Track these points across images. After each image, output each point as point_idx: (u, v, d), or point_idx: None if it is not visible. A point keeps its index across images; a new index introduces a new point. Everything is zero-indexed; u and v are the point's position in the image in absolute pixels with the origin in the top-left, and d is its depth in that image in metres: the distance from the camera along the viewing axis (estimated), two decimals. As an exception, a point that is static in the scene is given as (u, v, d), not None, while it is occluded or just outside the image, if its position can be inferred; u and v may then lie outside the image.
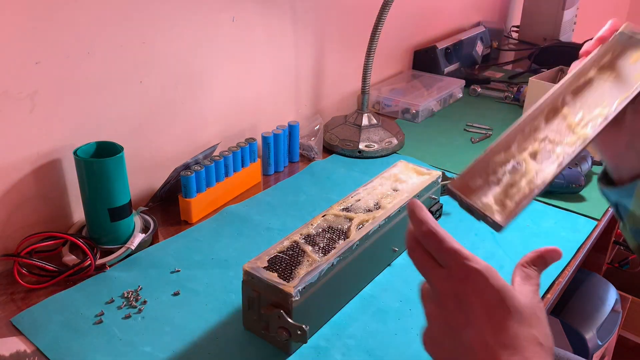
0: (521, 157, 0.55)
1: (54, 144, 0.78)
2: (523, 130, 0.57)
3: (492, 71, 1.64)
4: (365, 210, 0.75)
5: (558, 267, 0.80)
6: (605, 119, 0.57)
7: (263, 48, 1.06)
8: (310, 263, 0.65)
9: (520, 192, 0.53)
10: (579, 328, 1.16)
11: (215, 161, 0.90)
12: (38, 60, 0.73)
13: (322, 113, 1.25)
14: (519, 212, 0.51)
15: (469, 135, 1.22)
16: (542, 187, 0.52)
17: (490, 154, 0.56)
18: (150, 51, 0.86)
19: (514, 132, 0.57)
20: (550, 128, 0.58)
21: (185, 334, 0.66)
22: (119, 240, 0.79)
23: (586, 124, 0.57)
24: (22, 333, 0.65)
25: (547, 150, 0.56)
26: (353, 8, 1.24)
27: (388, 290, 0.75)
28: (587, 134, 0.56)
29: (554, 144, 0.56)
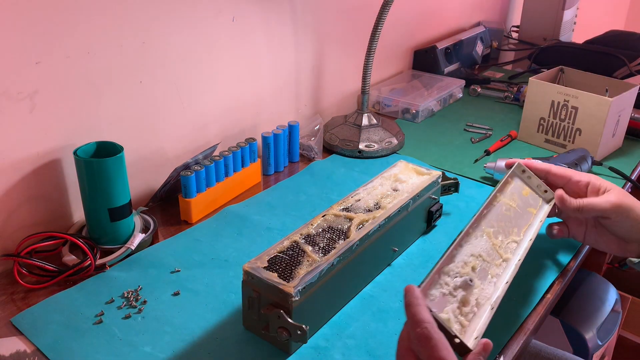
0: (464, 272, 0.63)
1: (54, 144, 0.78)
2: (461, 246, 0.67)
3: (492, 71, 1.64)
4: (365, 210, 0.75)
5: (558, 267, 0.80)
6: (518, 245, 0.69)
7: (263, 48, 1.06)
8: (310, 263, 0.65)
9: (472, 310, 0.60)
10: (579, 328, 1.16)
11: (215, 161, 0.90)
12: (38, 60, 0.73)
13: (322, 113, 1.25)
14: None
15: (469, 135, 1.22)
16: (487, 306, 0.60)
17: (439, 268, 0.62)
18: (150, 51, 0.86)
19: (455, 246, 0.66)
20: (480, 247, 0.67)
21: (185, 334, 0.66)
22: (119, 240, 0.79)
23: (506, 247, 0.69)
24: (22, 333, 0.65)
25: (483, 268, 0.65)
26: (353, 8, 1.24)
27: (388, 290, 0.75)
28: (509, 257, 0.67)
29: (486, 262, 0.66)
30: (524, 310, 0.72)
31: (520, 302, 0.73)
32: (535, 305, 0.73)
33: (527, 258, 0.81)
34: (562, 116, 1.11)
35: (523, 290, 0.75)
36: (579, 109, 1.08)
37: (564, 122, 1.12)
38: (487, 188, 1.00)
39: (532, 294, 0.75)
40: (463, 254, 0.65)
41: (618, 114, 1.09)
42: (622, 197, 0.74)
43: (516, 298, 0.74)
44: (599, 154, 1.09)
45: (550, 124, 1.14)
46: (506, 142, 1.17)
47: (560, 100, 1.11)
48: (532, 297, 0.74)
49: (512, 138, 1.19)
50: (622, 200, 0.74)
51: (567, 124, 1.11)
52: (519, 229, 0.73)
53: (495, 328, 0.69)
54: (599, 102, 1.05)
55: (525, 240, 0.72)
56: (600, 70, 1.26)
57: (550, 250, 0.83)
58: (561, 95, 1.10)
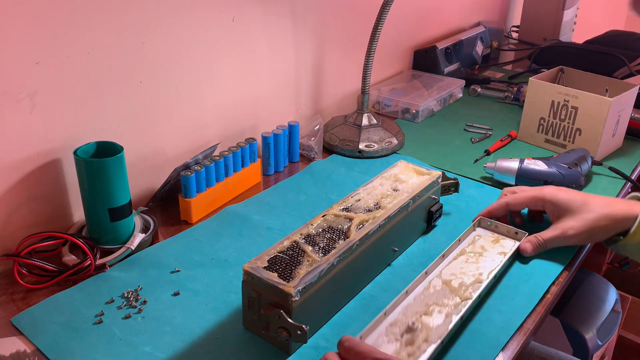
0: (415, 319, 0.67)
1: (54, 144, 0.78)
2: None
3: (492, 71, 1.64)
4: (365, 210, 0.75)
5: (558, 267, 0.80)
6: (480, 284, 0.73)
7: (263, 48, 1.06)
8: (310, 263, 0.65)
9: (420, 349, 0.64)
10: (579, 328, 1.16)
11: (215, 161, 0.90)
12: (38, 60, 0.73)
13: (322, 113, 1.25)
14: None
15: (469, 135, 1.22)
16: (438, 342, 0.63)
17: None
18: (150, 51, 0.86)
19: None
20: (436, 295, 0.71)
21: (185, 334, 0.66)
22: (119, 240, 0.79)
23: (466, 288, 0.73)
24: (22, 333, 0.65)
25: (436, 311, 0.69)
26: (353, 8, 1.24)
27: (388, 290, 0.75)
28: (469, 297, 0.71)
29: (441, 306, 0.69)
30: (524, 310, 0.72)
31: (520, 302, 0.73)
32: (535, 305, 0.73)
33: (527, 258, 0.82)
34: (562, 116, 1.11)
35: (523, 290, 0.75)
36: (579, 109, 1.08)
37: (564, 122, 1.12)
38: (487, 188, 1.00)
39: (532, 293, 0.75)
40: (416, 305, 0.70)
41: (618, 114, 1.09)
42: (581, 224, 0.79)
43: (516, 298, 0.74)
44: (599, 154, 1.09)
45: (550, 124, 1.14)
46: (506, 142, 1.17)
47: (560, 100, 1.11)
48: (532, 297, 0.74)
49: (512, 138, 1.19)
50: (582, 228, 0.79)
51: (567, 124, 1.11)
52: (485, 271, 0.76)
53: (495, 328, 0.69)
54: (599, 102, 1.05)
55: (489, 278, 0.75)
56: (600, 70, 1.26)
57: (550, 251, 0.83)
58: (561, 95, 1.10)
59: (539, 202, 0.83)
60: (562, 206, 0.81)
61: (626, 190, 1.03)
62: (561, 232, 0.80)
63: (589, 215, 0.79)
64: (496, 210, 0.86)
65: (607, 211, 0.78)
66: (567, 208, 0.80)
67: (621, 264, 1.58)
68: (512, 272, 0.79)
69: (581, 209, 0.79)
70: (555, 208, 0.82)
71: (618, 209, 0.78)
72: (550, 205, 0.82)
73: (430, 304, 0.70)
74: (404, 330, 0.65)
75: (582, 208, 0.79)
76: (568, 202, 0.81)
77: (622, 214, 0.77)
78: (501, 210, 0.86)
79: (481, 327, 0.69)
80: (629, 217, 0.77)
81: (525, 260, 0.81)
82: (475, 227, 0.86)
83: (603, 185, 1.02)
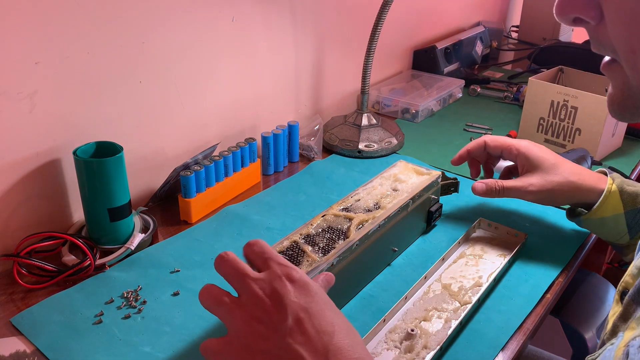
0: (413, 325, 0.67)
1: (53, 144, 0.78)
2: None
3: (491, 71, 1.64)
4: (365, 210, 0.75)
5: (558, 267, 0.80)
6: (480, 288, 0.73)
7: (263, 48, 1.06)
8: (310, 263, 0.65)
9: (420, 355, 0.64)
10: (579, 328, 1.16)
11: (215, 161, 0.90)
12: (38, 60, 0.73)
13: (321, 113, 1.25)
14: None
15: (468, 135, 1.22)
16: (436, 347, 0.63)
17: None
18: (150, 51, 0.86)
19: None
20: (435, 300, 0.71)
21: (185, 334, 0.66)
22: (118, 240, 0.79)
23: (466, 292, 0.73)
24: (22, 333, 0.65)
25: (435, 317, 0.69)
26: (353, 8, 1.24)
27: (388, 290, 0.75)
28: (469, 301, 0.70)
29: (440, 311, 0.69)
30: (524, 310, 0.72)
31: (519, 302, 0.73)
32: (534, 306, 0.73)
33: (526, 258, 0.82)
34: (561, 116, 1.11)
35: (523, 290, 0.75)
36: (579, 108, 1.08)
37: (563, 122, 1.12)
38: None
39: (532, 293, 0.75)
40: (415, 310, 0.70)
41: (618, 113, 1.09)
42: (544, 182, 0.80)
43: (516, 298, 0.74)
44: (598, 154, 1.09)
45: (550, 123, 1.14)
46: (506, 142, 1.17)
47: (559, 100, 1.11)
48: (532, 297, 0.74)
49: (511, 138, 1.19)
50: (544, 187, 0.80)
51: (567, 124, 1.11)
52: (485, 274, 0.77)
53: (495, 328, 0.69)
54: (599, 102, 1.05)
55: (489, 281, 0.75)
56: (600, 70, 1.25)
57: (550, 250, 0.83)
58: (561, 95, 1.11)
59: (514, 151, 0.84)
60: (533, 161, 0.81)
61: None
62: (522, 184, 0.81)
63: (555, 178, 0.79)
64: (474, 148, 0.87)
65: (574, 179, 0.79)
66: (537, 165, 0.81)
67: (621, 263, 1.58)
68: (512, 272, 0.79)
69: (550, 169, 0.80)
70: (527, 162, 0.82)
71: (585, 179, 0.79)
72: (523, 157, 0.82)
73: (429, 309, 0.70)
74: (403, 337, 0.65)
75: (550, 169, 0.80)
76: (539, 160, 0.81)
77: (588, 186, 0.78)
78: (479, 147, 0.87)
79: (481, 328, 0.69)
80: (593, 191, 0.78)
81: (525, 260, 0.81)
82: (475, 229, 0.86)
83: (603, 185, 1.02)
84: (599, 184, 0.78)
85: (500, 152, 0.86)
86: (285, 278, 0.50)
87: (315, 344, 0.46)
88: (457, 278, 0.76)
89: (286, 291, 0.49)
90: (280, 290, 0.49)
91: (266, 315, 0.48)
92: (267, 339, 0.47)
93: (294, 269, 0.51)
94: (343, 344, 0.47)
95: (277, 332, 0.47)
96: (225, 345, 0.49)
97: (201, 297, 0.52)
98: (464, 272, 0.77)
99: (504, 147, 0.85)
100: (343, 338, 0.47)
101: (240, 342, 0.48)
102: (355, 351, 0.47)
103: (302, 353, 0.46)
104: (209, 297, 0.51)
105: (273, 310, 0.48)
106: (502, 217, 0.90)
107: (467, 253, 0.81)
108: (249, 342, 0.48)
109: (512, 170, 0.90)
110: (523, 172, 0.83)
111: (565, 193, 0.79)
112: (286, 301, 0.48)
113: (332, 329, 0.48)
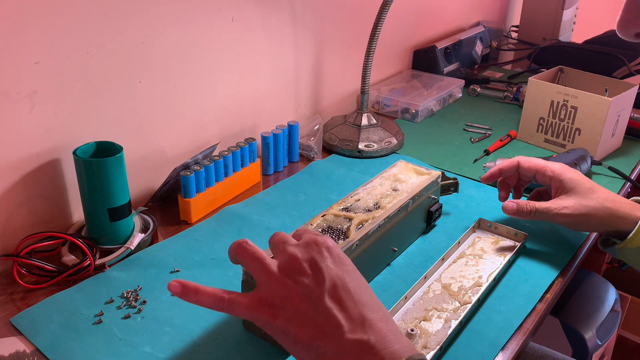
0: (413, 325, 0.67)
1: (53, 144, 0.78)
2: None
3: (491, 71, 1.64)
4: (364, 210, 0.75)
5: (558, 267, 0.80)
6: (480, 288, 0.73)
7: (263, 48, 1.06)
8: (309, 263, 0.65)
9: None
10: (579, 328, 1.16)
11: (215, 161, 0.90)
12: (38, 60, 0.73)
13: (321, 113, 1.25)
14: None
15: (468, 135, 1.22)
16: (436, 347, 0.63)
17: None
18: (150, 51, 0.86)
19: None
20: (435, 299, 0.71)
21: (185, 334, 0.66)
22: (118, 240, 0.79)
23: (466, 292, 0.73)
24: (22, 333, 0.65)
25: (435, 317, 0.69)
26: (353, 8, 1.24)
27: (388, 290, 0.75)
28: (469, 301, 0.71)
29: (440, 311, 0.69)
30: (524, 310, 0.72)
31: (519, 302, 0.73)
32: (534, 305, 0.73)
33: (526, 258, 0.82)
34: (561, 116, 1.11)
35: (523, 290, 0.75)
36: (579, 108, 1.08)
37: (563, 121, 1.12)
38: (486, 188, 1.00)
39: (532, 293, 0.75)
40: (415, 310, 0.70)
41: (617, 113, 1.09)
42: (578, 206, 0.78)
43: (516, 298, 0.74)
44: (598, 154, 1.09)
45: (550, 123, 1.14)
46: (506, 141, 1.17)
47: (559, 100, 1.11)
48: (532, 297, 0.74)
49: (511, 138, 1.19)
50: (578, 210, 0.78)
51: (567, 124, 1.11)
52: (485, 274, 0.76)
53: (495, 328, 0.69)
54: (599, 101, 1.05)
55: (489, 281, 0.75)
56: (600, 70, 1.26)
57: (550, 250, 0.83)
58: (561, 95, 1.11)
59: (548, 173, 0.81)
60: (568, 184, 0.79)
61: (625, 190, 1.03)
62: (556, 206, 0.78)
63: (590, 203, 0.77)
64: (507, 168, 0.85)
65: (609, 205, 0.77)
66: (572, 188, 0.79)
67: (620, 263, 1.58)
68: (512, 272, 0.79)
69: (586, 193, 0.78)
70: (561, 185, 0.80)
71: (620, 207, 0.77)
72: (557, 180, 0.80)
73: (429, 309, 0.70)
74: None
75: (586, 193, 0.78)
76: (575, 183, 0.79)
77: (623, 213, 0.76)
78: (512, 167, 0.84)
79: (481, 327, 0.69)
80: (628, 218, 0.76)
81: (525, 260, 0.81)
82: (475, 228, 0.86)
83: (602, 185, 1.01)
84: (634, 212, 0.76)
85: (533, 174, 0.84)
86: (322, 246, 0.51)
87: (352, 312, 0.47)
88: (457, 278, 0.75)
89: (323, 257, 0.50)
90: (317, 256, 0.50)
91: (304, 277, 0.49)
92: (304, 299, 0.48)
93: (330, 239, 0.53)
94: (377, 315, 0.48)
95: (313, 294, 0.48)
96: (258, 303, 0.49)
97: (232, 250, 0.52)
98: (464, 272, 0.77)
99: (538, 169, 0.82)
100: (377, 310, 0.49)
101: (274, 300, 0.48)
102: (389, 323, 0.48)
103: (339, 318, 0.47)
104: (243, 251, 0.52)
105: (311, 273, 0.49)
106: (502, 217, 0.90)
107: (467, 253, 0.81)
108: (284, 301, 0.48)
109: (541, 194, 0.88)
110: (556, 195, 0.81)
111: (600, 219, 0.77)
112: (323, 266, 0.49)
113: (367, 300, 0.49)
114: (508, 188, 0.88)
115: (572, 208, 0.78)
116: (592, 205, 0.77)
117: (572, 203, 0.78)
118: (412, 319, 0.68)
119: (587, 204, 0.77)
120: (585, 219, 0.77)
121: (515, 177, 0.87)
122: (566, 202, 0.78)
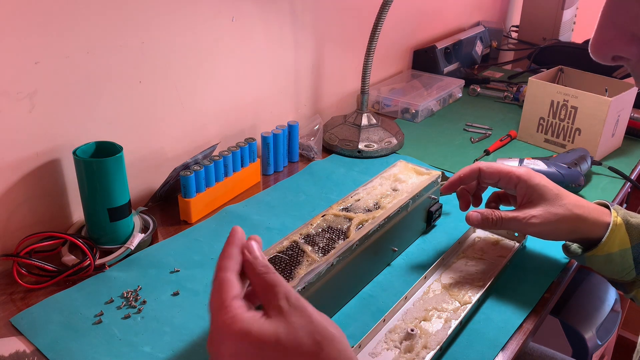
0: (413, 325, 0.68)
1: (53, 144, 0.78)
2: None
3: (491, 71, 1.64)
4: (364, 210, 0.75)
5: (558, 267, 0.80)
6: (480, 288, 0.73)
7: (262, 48, 1.06)
8: (309, 263, 0.65)
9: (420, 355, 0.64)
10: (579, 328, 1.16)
11: (215, 161, 0.90)
12: (37, 60, 0.73)
13: (321, 113, 1.25)
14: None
15: (468, 135, 1.22)
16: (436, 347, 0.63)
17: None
18: (150, 51, 0.86)
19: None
20: (435, 300, 0.72)
21: (185, 334, 0.66)
22: (118, 240, 0.79)
23: (466, 292, 0.73)
24: (22, 333, 0.65)
25: (435, 317, 0.69)
26: (352, 8, 1.24)
27: (388, 290, 0.75)
28: (468, 300, 0.71)
29: (440, 311, 0.70)
30: (523, 310, 0.72)
31: (519, 302, 0.73)
32: (534, 305, 0.73)
33: (526, 258, 0.82)
34: (561, 116, 1.11)
35: (522, 290, 0.75)
36: (579, 108, 1.08)
37: (563, 121, 1.12)
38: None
39: (532, 293, 0.75)
40: (415, 310, 0.70)
41: (617, 113, 1.09)
42: (547, 215, 0.73)
43: (516, 298, 0.74)
44: (598, 154, 1.09)
45: (550, 123, 1.14)
46: (506, 141, 1.17)
47: (559, 100, 1.11)
48: (532, 297, 0.74)
49: (511, 138, 1.19)
50: (547, 219, 0.73)
51: (567, 124, 1.11)
52: (485, 275, 0.76)
53: (495, 328, 0.69)
54: (599, 101, 1.05)
55: (489, 281, 0.74)
56: (600, 70, 1.26)
57: (550, 250, 0.83)
58: (561, 95, 1.11)
59: (513, 179, 0.75)
60: (536, 191, 0.74)
61: (625, 190, 1.03)
62: (524, 215, 0.73)
63: (559, 210, 0.72)
64: (466, 175, 0.79)
65: (578, 212, 0.72)
66: (540, 195, 0.73)
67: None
68: (512, 272, 0.79)
69: (554, 200, 0.73)
70: (528, 191, 0.74)
71: (590, 213, 0.72)
72: (524, 186, 0.74)
73: (429, 309, 0.70)
74: (403, 337, 0.65)
75: (554, 200, 0.73)
76: (543, 189, 0.73)
77: (593, 219, 0.72)
78: (472, 174, 0.78)
79: (480, 327, 0.69)
80: (598, 224, 0.72)
81: (525, 260, 0.81)
82: (475, 229, 0.86)
83: (602, 185, 1.02)
84: (603, 217, 0.72)
85: (497, 180, 0.77)
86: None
87: None
88: (457, 278, 0.76)
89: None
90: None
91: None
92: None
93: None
94: None
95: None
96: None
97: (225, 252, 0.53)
98: (464, 272, 0.77)
99: (502, 175, 0.76)
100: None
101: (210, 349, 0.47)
102: None
103: None
104: (221, 259, 0.52)
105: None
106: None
107: (467, 253, 0.81)
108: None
109: (500, 197, 0.82)
110: (523, 202, 0.75)
111: (570, 227, 0.72)
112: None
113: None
114: (468, 196, 0.82)
115: (541, 217, 0.72)
116: (561, 213, 0.72)
117: (540, 212, 0.73)
118: (412, 319, 0.68)
119: (556, 212, 0.72)
120: (555, 227, 0.73)
121: (475, 184, 0.81)
122: (535, 211, 0.73)
